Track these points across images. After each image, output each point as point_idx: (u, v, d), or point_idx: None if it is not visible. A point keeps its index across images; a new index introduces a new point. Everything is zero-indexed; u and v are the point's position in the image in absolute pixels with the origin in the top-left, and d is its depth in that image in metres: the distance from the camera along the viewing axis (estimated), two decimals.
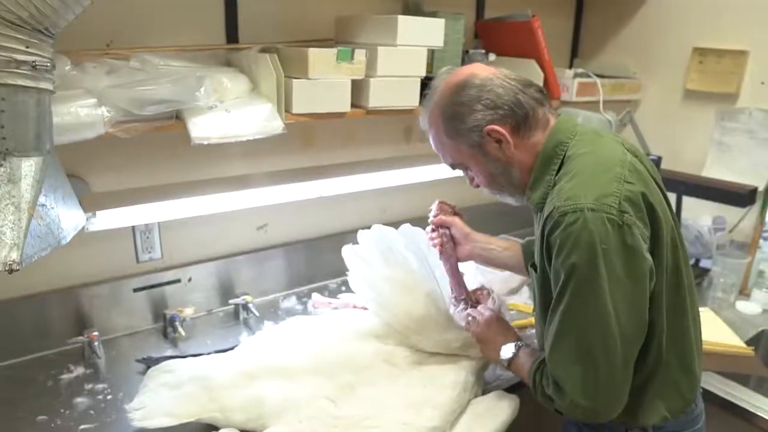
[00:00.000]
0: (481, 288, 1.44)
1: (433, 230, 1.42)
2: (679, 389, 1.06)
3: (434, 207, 1.44)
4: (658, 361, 1.02)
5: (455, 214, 1.43)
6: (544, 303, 1.04)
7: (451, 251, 1.41)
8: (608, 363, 0.94)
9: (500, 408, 1.19)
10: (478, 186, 1.15)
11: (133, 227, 1.52)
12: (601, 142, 1.05)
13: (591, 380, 0.95)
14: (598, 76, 2.10)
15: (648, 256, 0.95)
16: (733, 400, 1.37)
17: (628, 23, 2.28)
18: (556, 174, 1.03)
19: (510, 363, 1.18)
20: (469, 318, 1.32)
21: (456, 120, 1.06)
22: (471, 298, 1.42)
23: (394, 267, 1.37)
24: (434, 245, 1.42)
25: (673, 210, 1.08)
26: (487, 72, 1.06)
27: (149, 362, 1.35)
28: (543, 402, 1.06)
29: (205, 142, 1.28)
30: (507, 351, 1.18)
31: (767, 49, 1.93)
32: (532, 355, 1.15)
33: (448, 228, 1.41)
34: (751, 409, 1.35)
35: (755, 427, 1.34)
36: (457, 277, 1.42)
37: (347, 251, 1.43)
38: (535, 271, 1.09)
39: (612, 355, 0.93)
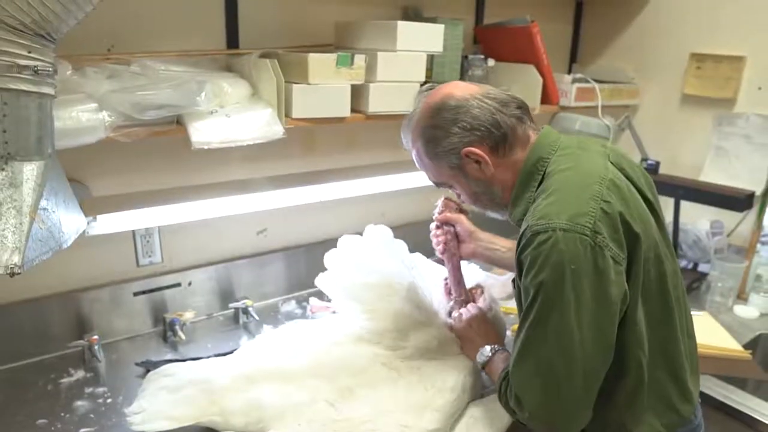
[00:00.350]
0: (476, 286, 1.43)
1: (437, 227, 1.40)
2: (672, 403, 1.04)
3: (439, 203, 1.42)
4: (640, 379, 1.00)
5: (461, 211, 1.41)
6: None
7: (454, 249, 1.39)
8: (568, 381, 0.92)
9: (499, 412, 1.19)
10: (464, 202, 1.16)
11: (134, 231, 1.52)
12: (584, 156, 1.03)
13: (550, 396, 0.94)
14: (597, 81, 2.11)
15: (620, 280, 0.93)
16: (730, 404, 1.38)
17: (627, 29, 2.29)
18: (536, 190, 1.02)
19: (484, 366, 1.19)
20: (455, 315, 1.32)
21: (434, 143, 1.06)
22: (469, 299, 1.41)
23: (372, 273, 1.37)
24: (438, 243, 1.40)
25: (663, 220, 1.08)
26: (465, 91, 1.05)
27: (149, 366, 1.35)
28: (507, 412, 1.06)
29: (206, 147, 1.28)
30: (482, 354, 1.19)
31: (764, 55, 1.95)
32: (506, 361, 1.14)
33: (453, 225, 1.39)
34: (749, 412, 1.35)
35: (752, 429, 1.35)
36: (457, 276, 1.40)
37: (320, 280, 1.42)
38: (513, 286, 1.08)
39: (573, 374, 0.92)
